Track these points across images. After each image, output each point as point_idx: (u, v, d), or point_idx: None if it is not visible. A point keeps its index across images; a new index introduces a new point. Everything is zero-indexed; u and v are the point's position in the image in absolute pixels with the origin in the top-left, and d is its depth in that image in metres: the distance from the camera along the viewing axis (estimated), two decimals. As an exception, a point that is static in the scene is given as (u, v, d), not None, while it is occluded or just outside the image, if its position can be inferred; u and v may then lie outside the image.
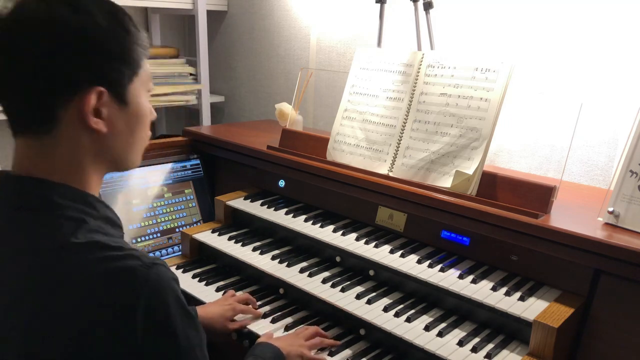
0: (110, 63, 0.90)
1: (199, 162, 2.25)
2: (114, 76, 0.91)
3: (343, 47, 2.46)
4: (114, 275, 0.85)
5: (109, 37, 0.89)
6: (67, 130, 0.90)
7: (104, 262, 0.85)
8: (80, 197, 0.93)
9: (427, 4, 1.90)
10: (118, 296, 0.84)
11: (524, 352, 1.32)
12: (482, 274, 1.47)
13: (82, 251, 0.86)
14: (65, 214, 0.89)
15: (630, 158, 1.35)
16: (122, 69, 0.92)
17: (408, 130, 1.68)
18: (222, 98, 3.11)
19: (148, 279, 0.85)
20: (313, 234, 1.72)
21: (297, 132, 1.98)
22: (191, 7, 2.80)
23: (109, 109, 0.92)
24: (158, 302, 0.86)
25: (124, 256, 0.86)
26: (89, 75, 0.89)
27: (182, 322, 0.89)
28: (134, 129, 0.99)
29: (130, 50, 0.93)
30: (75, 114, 0.89)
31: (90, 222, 0.91)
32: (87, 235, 0.88)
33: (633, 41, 1.67)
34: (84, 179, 0.95)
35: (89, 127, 0.91)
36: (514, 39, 1.91)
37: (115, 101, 0.93)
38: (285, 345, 1.37)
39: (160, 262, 0.90)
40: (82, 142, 0.92)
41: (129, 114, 0.96)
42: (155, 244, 2.04)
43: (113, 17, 0.91)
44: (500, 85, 1.52)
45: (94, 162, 0.95)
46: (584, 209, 1.50)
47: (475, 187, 1.51)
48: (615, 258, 1.24)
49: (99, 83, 0.89)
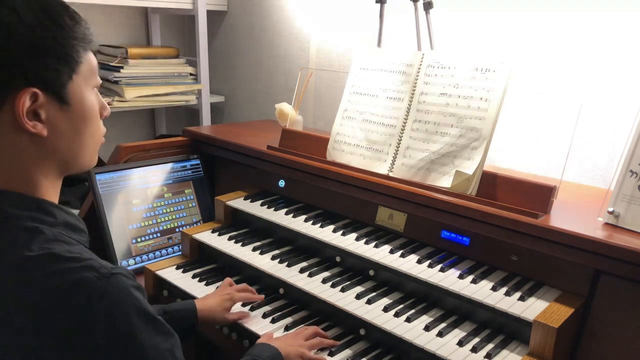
0: (42, 62, 0.85)
1: (199, 162, 2.25)
2: (48, 75, 0.86)
3: (343, 47, 2.46)
4: (69, 289, 0.81)
5: (39, 35, 0.84)
6: (5, 135, 0.86)
7: (59, 276, 0.81)
8: (32, 204, 0.89)
9: (427, 4, 1.90)
10: (75, 311, 0.80)
11: (524, 352, 1.32)
12: (482, 274, 1.47)
13: (36, 265, 0.82)
14: (19, 224, 0.86)
15: (630, 158, 1.35)
16: (58, 67, 0.87)
17: (408, 130, 1.68)
18: (222, 98, 3.11)
19: (105, 291, 0.82)
20: (313, 234, 1.72)
21: (297, 132, 1.98)
22: (191, 7, 2.80)
23: (48, 111, 0.88)
24: (117, 314, 0.82)
25: (80, 268, 0.82)
26: (20, 76, 0.84)
27: (146, 331, 0.85)
28: (80, 128, 0.93)
29: (65, 46, 0.87)
30: (9, 117, 0.85)
31: (45, 231, 0.87)
32: (43, 245, 0.84)
33: (633, 41, 1.67)
34: (33, 184, 0.91)
35: (26, 130, 0.86)
36: (514, 38, 1.91)
37: (55, 101, 0.88)
38: (284, 345, 1.36)
39: (120, 272, 0.86)
40: (22, 146, 0.88)
41: (72, 114, 0.91)
42: (155, 244, 2.04)
43: (43, 12, 0.85)
44: (500, 85, 1.52)
45: (41, 166, 0.91)
46: (584, 209, 1.50)
47: (475, 187, 1.51)
48: (615, 258, 1.24)
49: (32, 84, 0.85)
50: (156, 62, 2.73)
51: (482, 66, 1.56)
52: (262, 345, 1.35)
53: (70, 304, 0.81)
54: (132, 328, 0.84)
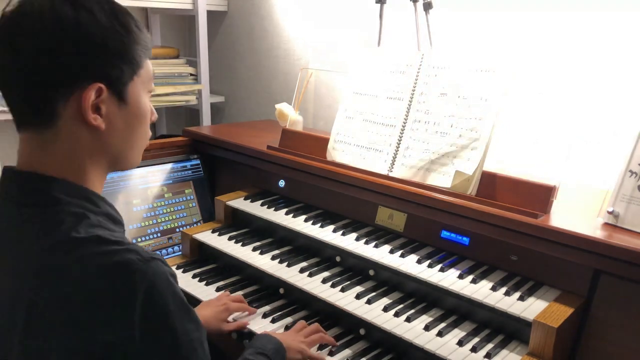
0: (110, 60, 0.92)
1: (199, 162, 2.25)
2: (113, 74, 0.93)
3: (343, 47, 2.46)
4: (113, 268, 0.85)
5: (109, 35, 0.91)
6: (67, 125, 0.92)
7: (104, 256, 0.86)
8: (80, 192, 0.94)
9: (427, 4, 1.90)
10: (116, 289, 0.85)
11: (523, 352, 1.32)
12: (482, 274, 1.47)
13: (83, 245, 0.87)
14: (67, 209, 0.91)
15: (630, 158, 1.35)
16: (122, 67, 0.93)
17: (408, 130, 1.68)
18: (222, 98, 3.11)
19: (146, 273, 0.86)
20: (313, 234, 1.72)
21: (297, 132, 1.98)
22: (191, 7, 2.80)
23: (108, 106, 0.94)
24: (156, 296, 0.86)
25: (123, 250, 0.87)
26: (89, 72, 0.90)
27: (180, 316, 0.90)
28: (133, 127, 1.00)
29: (130, 49, 0.94)
30: (74, 109, 0.91)
31: (91, 217, 0.92)
32: (88, 229, 0.89)
33: (633, 41, 1.67)
34: (84, 175, 0.96)
35: (87, 123, 0.92)
36: (514, 38, 1.91)
37: (115, 99, 0.94)
38: (286, 338, 1.37)
39: (158, 257, 0.91)
40: (81, 138, 0.94)
41: (128, 113, 0.97)
42: (155, 244, 2.04)
43: (114, 16, 0.92)
44: (500, 85, 1.52)
45: (93, 159, 0.97)
46: (583, 208, 1.50)
47: (475, 187, 1.51)
48: (615, 258, 1.24)
49: (99, 80, 0.91)
50: (156, 63, 2.73)
51: (482, 66, 1.56)
52: (265, 336, 1.36)
53: (113, 282, 0.85)
54: (167, 311, 0.88)
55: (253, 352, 1.27)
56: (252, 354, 1.27)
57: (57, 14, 0.87)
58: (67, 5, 0.88)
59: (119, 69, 0.93)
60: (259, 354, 1.27)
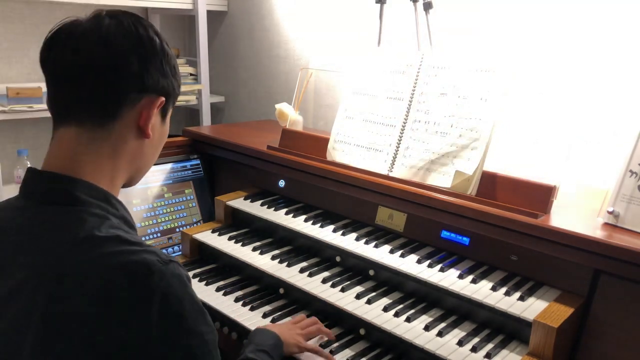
0: (174, 81, 1.03)
1: (199, 162, 2.25)
2: (171, 92, 1.04)
3: (343, 47, 2.46)
4: (133, 267, 0.87)
5: (176, 62, 1.05)
6: (121, 127, 0.98)
7: (124, 255, 0.88)
8: (103, 195, 0.98)
9: (427, 4, 1.90)
10: (135, 288, 0.86)
11: (523, 352, 1.32)
12: (482, 274, 1.47)
13: (104, 243, 0.89)
14: (89, 210, 0.94)
15: (630, 158, 1.35)
16: (176, 90, 1.05)
17: (408, 130, 1.68)
18: (222, 98, 3.11)
19: (165, 274, 0.88)
20: (313, 234, 1.72)
21: (297, 132, 1.98)
22: (191, 7, 2.80)
23: (155, 119, 1.03)
24: (173, 297, 0.88)
25: (143, 251, 0.90)
26: (160, 84, 1.00)
27: (196, 318, 0.91)
28: (159, 145, 1.09)
29: (178, 78, 1.06)
30: (135, 114, 0.98)
31: (111, 219, 0.95)
32: (110, 230, 0.92)
33: (633, 41, 1.67)
34: (112, 177, 1.01)
35: (140, 128, 1.00)
36: (514, 39, 1.91)
37: (161, 115, 1.04)
38: (283, 331, 1.38)
39: (176, 260, 0.93)
40: (128, 141, 1.00)
41: (162, 131, 1.07)
42: (155, 244, 2.04)
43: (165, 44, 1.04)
44: (500, 85, 1.52)
45: (128, 163, 1.03)
46: (583, 209, 1.50)
47: (475, 187, 1.51)
48: (615, 258, 1.24)
49: (163, 94, 1.01)
50: (156, 62, 2.73)
51: (482, 66, 1.56)
52: (262, 330, 1.36)
53: (132, 281, 0.86)
54: (184, 312, 0.89)
55: (254, 350, 1.27)
56: (253, 351, 1.27)
57: (149, 34, 0.99)
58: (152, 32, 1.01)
59: (174, 91, 1.05)
60: (260, 351, 1.27)
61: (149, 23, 1.03)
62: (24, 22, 2.63)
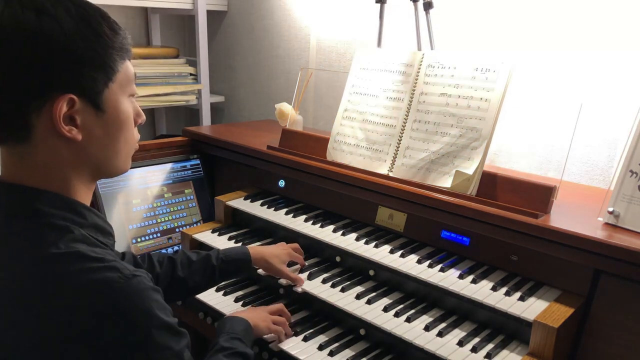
0: (79, 69, 0.88)
1: (199, 162, 2.25)
2: (85, 83, 0.89)
3: (343, 47, 2.46)
4: (91, 286, 0.85)
5: (77, 42, 0.87)
6: (43, 138, 0.90)
7: (82, 274, 0.85)
8: (66, 204, 0.93)
9: (427, 4, 1.90)
10: (94, 307, 0.84)
11: (524, 352, 1.32)
12: (482, 274, 1.47)
13: (61, 262, 0.86)
14: (50, 222, 0.90)
15: (630, 158, 1.35)
16: (94, 75, 0.90)
17: (408, 130, 1.68)
18: (222, 98, 3.11)
19: (126, 291, 0.86)
20: (313, 234, 1.72)
21: (297, 132, 1.98)
22: (191, 7, 2.80)
23: (84, 116, 0.91)
24: (138, 313, 0.87)
25: (103, 268, 0.86)
26: (58, 83, 0.87)
27: (162, 332, 0.90)
28: (115, 135, 0.97)
29: (102, 55, 0.91)
30: (47, 121, 0.88)
31: (75, 231, 0.91)
32: (70, 244, 0.88)
33: (633, 41, 1.67)
34: (68, 186, 0.95)
35: (62, 135, 0.90)
36: (514, 39, 1.91)
37: (91, 108, 0.92)
38: (252, 316, 1.40)
39: (140, 274, 0.90)
40: (59, 150, 0.92)
41: (106, 121, 0.95)
42: (155, 244, 2.04)
43: (83, 21, 0.89)
44: (500, 85, 1.52)
45: (76, 169, 0.95)
46: (584, 209, 1.50)
47: (475, 187, 1.51)
48: (615, 258, 1.24)
49: (69, 90, 0.88)
50: (156, 62, 2.73)
51: (482, 66, 1.56)
52: (233, 318, 1.37)
53: (93, 301, 0.84)
54: (149, 328, 0.88)
55: (227, 338, 1.28)
56: (227, 340, 1.27)
57: (18, 23, 0.84)
58: (30, 13, 0.84)
59: (91, 78, 0.90)
60: (233, 338, 1.28)
61: (30, 5, 0.85)
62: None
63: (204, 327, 1.72)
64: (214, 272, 1.50)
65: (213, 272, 1.50)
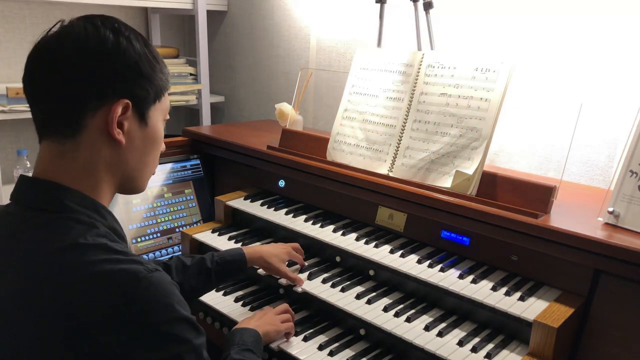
0: (139, 82, 1.00)
1: (199, 162, 2.25)
2: (140, 94, 1.00)
3: (343, 47, 2.46)
4: (116, 275, 0.88)
5: (142, 61, 1.00)
6: (90, 137, 0.97)
7: (109, 263, 0.89)
8: (91, 204, 0.99)
9: (427, 4, 1.90)
10: (117, 295, 0.87)
11: (524, 352, 1.32)
12: (482, 274, 1.47)
13: (89, 251, 0.90)
14: (77, 218, 0.95)
15: (630, 158, 1.35)
16: (148, 90, 1.01)
17: (408, 130, 1.68)
18: (222, 98, 3.11)
19: (150, 282, 0.89)
20: (313, 234, 1.72)
21: (297, 132, 1.98)
22: (191, 7, 2.80)
23: (130, 124, 1.00)
24: (160, 305, 0.90)
25: (128, 260, 0.91)
26: (119, 88, 0.97)
27: (182, 325, 0.93)
28: (149, 149, 1.06)
29: (157, 76, 1.03)
30: (100, 122, 0.97)
31: (100, 227, 0.96)
32: (96, 238, 0.93)
33: (633, 41, 1.67)
34: (96, 187, 1.01)
35: (110, 136, 0.98)
36: (514, 39, 1.91)
37: (137, 118, 1.01)
38: (260, 324, 1.40)
39: (161, 269, 0.94)
40: (101, 150, 0.99)
41: (146, 134, 1.04)
42: (155, 244, 2.04)
43: (147, 47, 1.02)
44: (500, 85, 1.52)
45: (108, 172, 1.02)
46: (584, 209, 1.50)
47: (475, 187, 1.51)
48: (615, 258, 1.24)
49: (127, 97, 0.98)
50: (156, 62, 2.73)
51: (482, 66, 1.56)
52: (242, 330, 1.37)
53: (115, 289, 0.87)
54: (170, 320, 0.91)
55: (238, 350, 1.28)
56: (238, 352, 1.27)
57: (100, 38, 0.96)
58: (109, 32, 0.97)
59: (146, 91, 1.01)
60: (244, 350, 1.28)
61: (110, 21, 1.00)
62: (24, 22, 2.63)
63: (204, 327, 1.71)
64: (210, 274, 1.51)
65: (209, 275, 1.51)
